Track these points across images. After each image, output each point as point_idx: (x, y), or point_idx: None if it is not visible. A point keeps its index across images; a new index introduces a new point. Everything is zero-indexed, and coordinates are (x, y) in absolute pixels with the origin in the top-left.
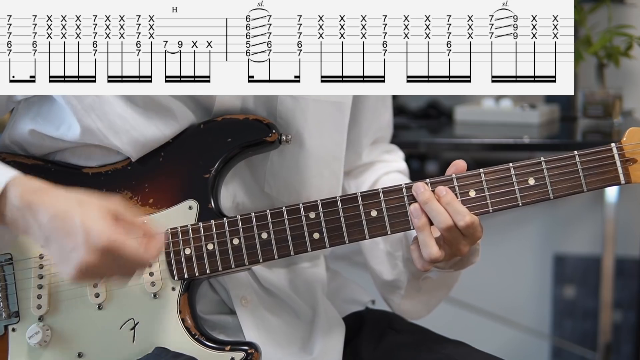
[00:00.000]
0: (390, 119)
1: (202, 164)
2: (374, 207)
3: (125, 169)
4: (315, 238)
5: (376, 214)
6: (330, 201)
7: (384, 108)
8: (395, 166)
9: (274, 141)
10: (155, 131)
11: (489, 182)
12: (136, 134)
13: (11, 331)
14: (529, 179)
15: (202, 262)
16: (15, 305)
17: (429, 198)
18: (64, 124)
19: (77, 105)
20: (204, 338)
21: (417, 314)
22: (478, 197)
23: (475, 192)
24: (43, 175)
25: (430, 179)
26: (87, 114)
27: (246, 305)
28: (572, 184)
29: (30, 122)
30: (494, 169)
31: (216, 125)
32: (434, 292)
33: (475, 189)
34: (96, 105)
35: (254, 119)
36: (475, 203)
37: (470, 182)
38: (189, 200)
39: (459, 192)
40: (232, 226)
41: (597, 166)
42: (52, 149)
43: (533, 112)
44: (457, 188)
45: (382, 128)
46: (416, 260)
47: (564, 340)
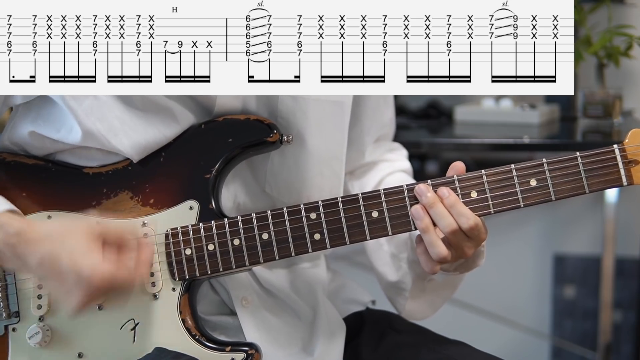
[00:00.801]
0: (393, 116)
1: (203, 164)
2: (375, 208)
3: (126, 169)
4: (316, 239)
5: (377, 214)
6: (331, 202)
7: (386, 105)
8: (399, 165)
9: (275, 141)
10: (155, 133)
11: (490, 183)
12: (136, 136)
13: (11, 331)
14: (530, 180)
15: (203, 262)
16: (16, 305)
17: (434, 202)
18: (65, 126)
19: (77, 108)
20: (204, 339)
21: (422, 314)
22: (480, 198)
23: (477, 193)
24: (43, 175)
25: (431, 180)
26: (87, 117)
27: (247, 306)
28: (574, 185)
29: (31, 124)
30: (496, 170)
31: (217, 125)
32: (439, 292)
33: (476, 190)
34: (95, 108)
35: (255, 119)
36: (476, 204)
37: (472, 183)
38: (190, 201)
39: (460, 193)
40: (232, 227)
41: (599, 167)
42: (52, 150)
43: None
44: (459, 189)
45: (384, 125)
46: (424, 264)
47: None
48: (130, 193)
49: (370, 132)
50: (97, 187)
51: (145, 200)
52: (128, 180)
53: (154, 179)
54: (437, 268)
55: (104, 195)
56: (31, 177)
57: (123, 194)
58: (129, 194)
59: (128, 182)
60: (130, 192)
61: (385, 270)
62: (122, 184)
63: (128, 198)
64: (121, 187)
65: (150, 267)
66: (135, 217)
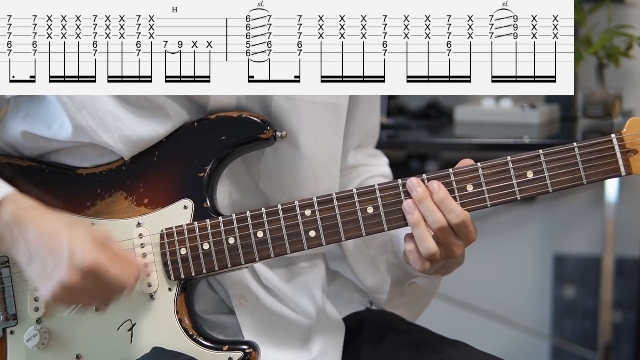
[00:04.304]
0: (377, 124)
1: (197, 163)
2: (370, 204)
3: (120, 169)
4: (311, 236)
5: (372, 210)
6: (325, 199)
7: (372, 111)
8: (379, 170)
9: (269, 138)
10: (148, 129)
11: (486, 177)
12: (128, 132)
13: (9, 334)
14: (527, 172)
15: (198, 261)
16: (13, 307)
17: (423, 197)
18: (56, 122)
19: (69, 102)
20: (201, 338)
21: None
22: (476, 192)
23: (473, 186)
24: (37, 176)
25: (427, 174)
26: (78, 111)
27: (245, 305)
28: (572, 176)
29: (22, 123)
30: (492, 162)
31: (210, 123)
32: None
33: (473, 183)
34: (87, 103)
35: (248, 115)
36: (472, 197)
37: (468, 176)
38: (184, 200)
39: (456, 187)
40: (227, 225)
41: (596, 158)
42: (45, 150)
43: (533, 112)
44: (455, 183)
45: (369, 132)
46: (414, 262)
47: (564, 340)
48: (124, 193)
49: (354, 137)
50: (92, 188)
51: (140, 200)
52: (122, 181)
53: (148, 178)
54: (426, 265)
55: (98, 196)
56: (25, 179)
57: (117, 195)
58: (123, 194)
59: (122, 182)
60: (124, 192)
61: (364, 273)
62: (116, 184)
63: (122, 198)
64: (115, 188)
65: (135, 285)
66: (130, 217)
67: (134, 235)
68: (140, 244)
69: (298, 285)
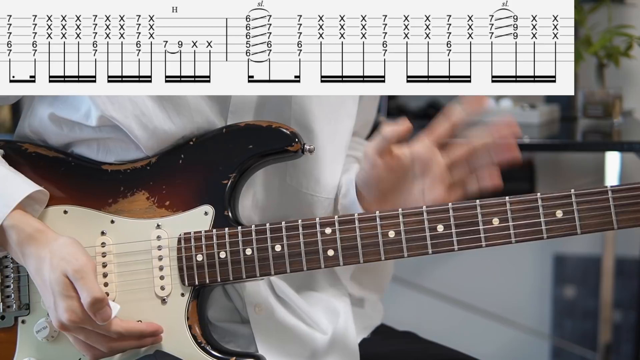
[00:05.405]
0: (374, 117)
1: (222, 170)
2: (392, 228)
3: (145, 168)
4: (329, 255)
5: (394, 235)
6: (347, 218)
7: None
8: (357, 154)
9: (297, 151)
10: (166, 120)
11: (514, 212)
12: (145, 120)
13: (21, 323)
14: (556, 211)
15: (214, 270)
16: (27, 297)
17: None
18: (83, 106)
19: None
20: (210, 347)
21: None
22: (501, 227)
23: (499, 220)
24: (63, 168)
25: (452, 204)
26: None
27: (260, 314)
28: (603, 220)
29: (49, 107)
30: (520, 198)
31: (239, 130)
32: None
33: (499, 217)
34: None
35: (277, 126)
36: (497, 232)
37: (495, 209)
38: (205, 206)
39: (481, 220)
40: (245, 236)
41: (631, 204)
42: (69, 138)
43: (533, 112)
44: (480, 215)
45: (367, 122)
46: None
47: (564, 340)
48: (146, 193)
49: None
50: (115, 185)
51: (161, 201)
52: (146, 180)
53: (172, 180)
54: None
55: (120, 194)
56: (51, 169)
57: (139, 194)
58: (145, 194)
59: (145, 182)
60: (146, 192)
61: None
62: (140, 184)
63: (144, 198)
64: (138, 187)
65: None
66: (149, 218)
67: (151, 237)
68: (157, 246)
69: (314, 299)
